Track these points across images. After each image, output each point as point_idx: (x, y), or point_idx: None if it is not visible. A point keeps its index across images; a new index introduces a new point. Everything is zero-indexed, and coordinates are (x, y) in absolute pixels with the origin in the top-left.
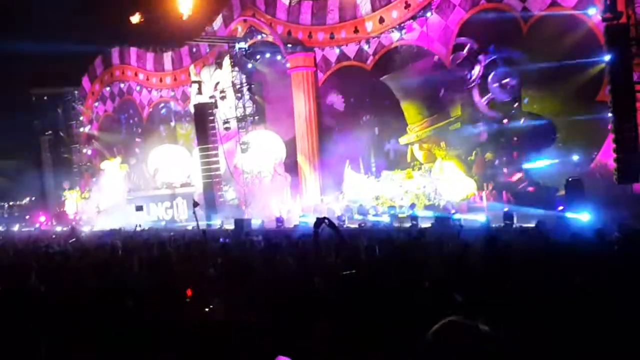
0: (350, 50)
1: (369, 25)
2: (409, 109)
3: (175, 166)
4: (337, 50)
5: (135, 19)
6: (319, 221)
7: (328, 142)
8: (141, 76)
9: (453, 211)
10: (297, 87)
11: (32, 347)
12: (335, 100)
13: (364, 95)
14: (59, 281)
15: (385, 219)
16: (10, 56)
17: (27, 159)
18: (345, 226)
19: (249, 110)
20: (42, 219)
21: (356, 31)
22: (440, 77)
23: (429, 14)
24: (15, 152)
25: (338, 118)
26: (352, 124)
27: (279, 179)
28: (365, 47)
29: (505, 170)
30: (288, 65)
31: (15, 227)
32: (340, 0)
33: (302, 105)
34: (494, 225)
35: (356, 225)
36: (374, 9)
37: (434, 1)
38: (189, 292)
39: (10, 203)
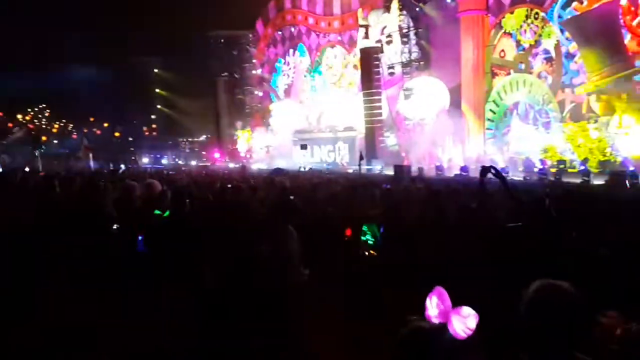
0: None
1: None
2: (588, 57)
3: (339, 110)
4: None
5: None
6: (485, 170)
7: (495, 90)
8: (311, 20)
9: (632, 168)
10: (466, 31)
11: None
12: (506, 45)
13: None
14: (231, 214)
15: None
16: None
17: (205, 99)
18: (509, 179)
19: (414, 56)
20: (217, 155)
21: None
22: (626, 22)
23: None
24: (194, 92)
25: (507, 65)
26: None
27: (441, 126)
28: None
29: None
30: (458, 8)
31: (193, 162)
32: None
33: (470, 51)
34: None
35: (521, 178)
36: None
37: None
38: (348, 232)
39: (189, 139)
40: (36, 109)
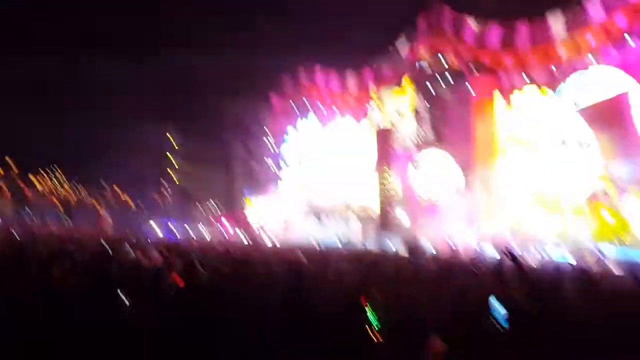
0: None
1: (563, 51)
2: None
3: (352, 184)
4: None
5: None
6: (504, 252)
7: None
8: (324, 94)
9: None
10: (480, 112)
11: None
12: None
13: None
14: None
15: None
16: (204, 71)
17: (218, 166)
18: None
19: (427, 134)
20: (225, 222)
21: (547, 56)
22: None
23: None
24: (207, 159)
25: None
26: None
27: (453, 205)
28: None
29: None
30: (472, 90)
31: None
32: (530, 24)
33: (484, 131)
34: None
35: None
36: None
37: None
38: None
39: (201, 206)
40: None
